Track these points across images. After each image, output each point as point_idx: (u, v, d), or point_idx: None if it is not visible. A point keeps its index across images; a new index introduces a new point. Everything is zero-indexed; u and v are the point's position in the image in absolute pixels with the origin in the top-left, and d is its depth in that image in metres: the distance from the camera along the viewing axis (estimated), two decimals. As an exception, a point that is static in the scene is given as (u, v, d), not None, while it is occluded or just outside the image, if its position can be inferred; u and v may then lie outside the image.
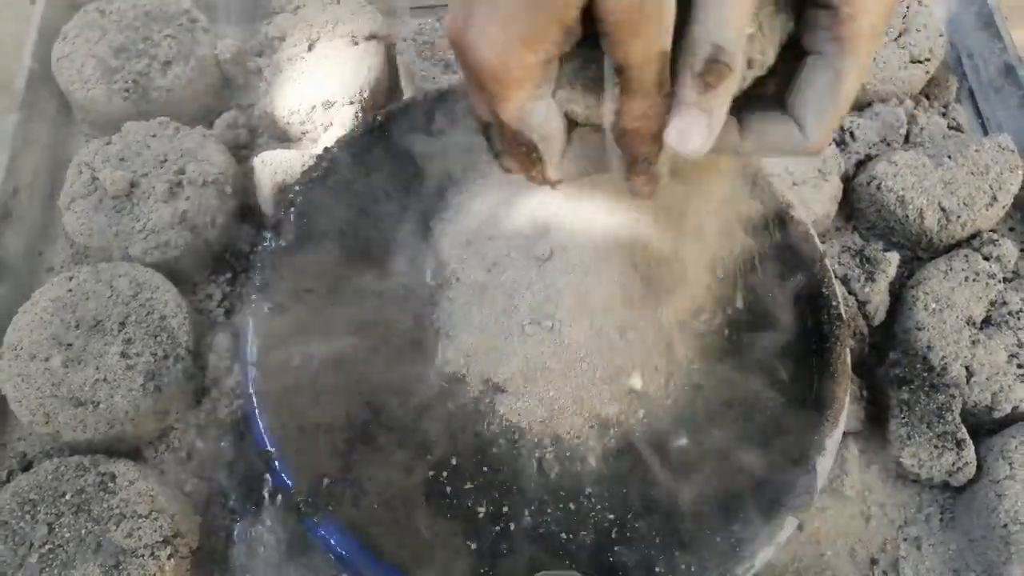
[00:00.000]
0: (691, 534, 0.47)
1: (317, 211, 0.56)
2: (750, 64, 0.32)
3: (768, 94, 0.33)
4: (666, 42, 0.29)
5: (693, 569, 0.46)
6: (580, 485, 0.49)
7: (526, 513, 0.48)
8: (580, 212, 0.47)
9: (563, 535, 0.47)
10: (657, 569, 0.46)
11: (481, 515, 0.48)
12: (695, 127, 0.30)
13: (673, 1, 0.28)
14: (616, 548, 0.47)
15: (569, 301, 0.48)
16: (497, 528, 0.47)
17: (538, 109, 0.32)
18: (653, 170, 0.33)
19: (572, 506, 0.48)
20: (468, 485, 0.48)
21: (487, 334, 0.48)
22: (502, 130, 0.33)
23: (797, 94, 0.32)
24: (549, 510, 0.48)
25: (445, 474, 0.49)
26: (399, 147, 0.57)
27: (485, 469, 0.49)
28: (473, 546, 0.47)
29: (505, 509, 0.48)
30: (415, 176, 0.56)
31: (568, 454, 0.49)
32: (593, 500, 0.48)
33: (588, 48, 0.31)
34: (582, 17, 0.29)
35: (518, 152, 0.34)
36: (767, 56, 0.32)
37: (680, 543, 0.47)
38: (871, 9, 0.30)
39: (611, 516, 0.48)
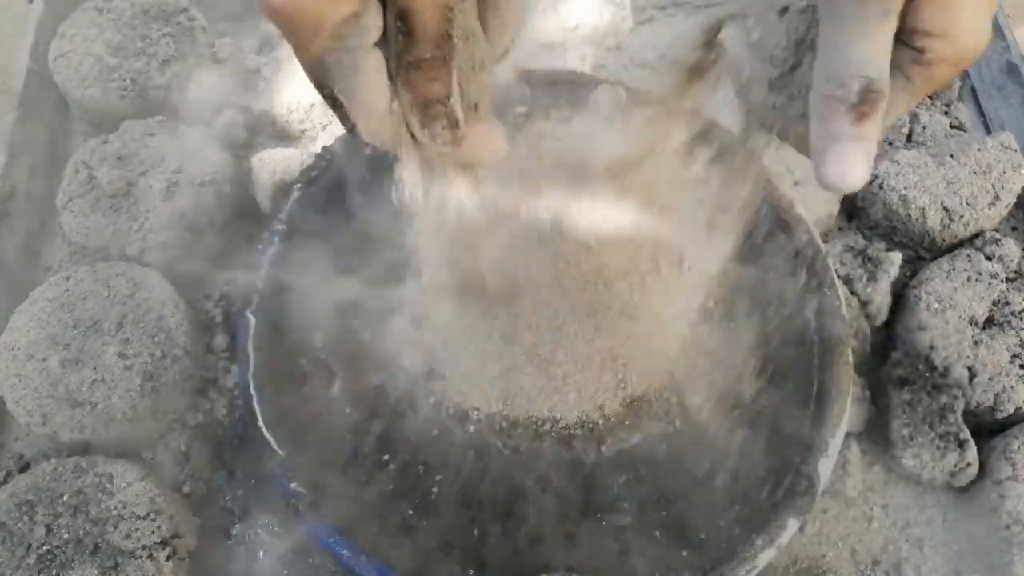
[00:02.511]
0: (693, 535, 0.47)
1: (316, 210, 0.55)
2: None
3: None
4: None
5: (695, 570, 0.45)
6: (580, 484, 0.49)
7: (525, 514, 0.48)
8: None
9: (561, 535, 0.47)
10: (658, 570, 0.46)
11: (480, 518, 0.47)
12: (856, 159, 0.29)
13: None
14: (617, 548, 0.47)
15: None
16: (496, 530, 0.47)
17: (341, 62, 0.30)
18: (450, 111, 0.32)
19: (572, 506, 0.48)
20: (461, 489, 0.48)
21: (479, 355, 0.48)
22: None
23: None
24: (547, 509, 0.48)
25: (444, 476, 0.48)
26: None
27: (484, 478, 0.49)
28: (469, 548, 0.46)
29: (505, 514, 0.48)
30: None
31: (568, 455, 0.49)
32: (594, 500, 0.48)
33: None
34: None
35: (329, 103, 0.32)
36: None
37: (681, 544, 0.47)
38: (954, 62, 0.29)
39: (612, 517, 0.48)
